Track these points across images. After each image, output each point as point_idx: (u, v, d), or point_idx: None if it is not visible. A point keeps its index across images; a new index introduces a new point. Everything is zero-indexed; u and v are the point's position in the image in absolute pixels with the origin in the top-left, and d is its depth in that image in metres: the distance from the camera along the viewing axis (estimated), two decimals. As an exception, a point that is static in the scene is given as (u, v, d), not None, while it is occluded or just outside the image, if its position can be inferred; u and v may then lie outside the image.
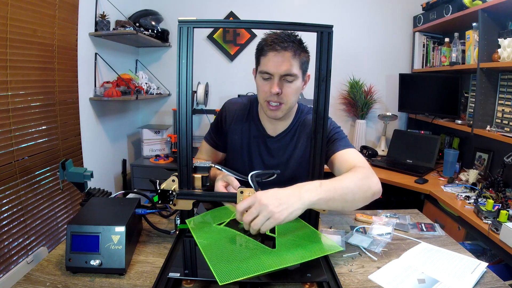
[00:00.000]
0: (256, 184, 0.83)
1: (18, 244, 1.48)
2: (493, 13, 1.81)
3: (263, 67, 1.02)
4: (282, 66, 1.00)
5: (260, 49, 1.04)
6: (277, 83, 1.01)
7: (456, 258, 0.87)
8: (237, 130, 1.19)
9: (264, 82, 1.04)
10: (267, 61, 1.01)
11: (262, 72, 1.03)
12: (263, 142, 1.17)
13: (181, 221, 0.92)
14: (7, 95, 1.41)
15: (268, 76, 1.03)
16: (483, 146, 2.11)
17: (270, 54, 1.00)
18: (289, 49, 0.99)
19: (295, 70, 1.01)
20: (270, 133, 1.17)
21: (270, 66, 1.01)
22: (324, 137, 0.87)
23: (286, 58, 1.00)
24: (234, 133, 1.19)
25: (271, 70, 1.01)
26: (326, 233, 0.99)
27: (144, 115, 2.92)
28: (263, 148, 1.18)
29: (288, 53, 0.99)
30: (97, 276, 0.76)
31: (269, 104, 1.05)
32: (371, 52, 2.75)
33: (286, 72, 1.00)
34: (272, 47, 1.00)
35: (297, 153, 1.17)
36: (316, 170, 0.87)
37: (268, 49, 1.00)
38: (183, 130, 0.84)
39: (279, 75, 1.01)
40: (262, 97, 1.07)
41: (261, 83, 1.05)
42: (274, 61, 1.00)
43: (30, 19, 1.51)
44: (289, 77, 1.01)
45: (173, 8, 2.68)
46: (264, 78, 1.04)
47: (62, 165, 1.00)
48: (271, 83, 1.02)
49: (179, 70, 0.82)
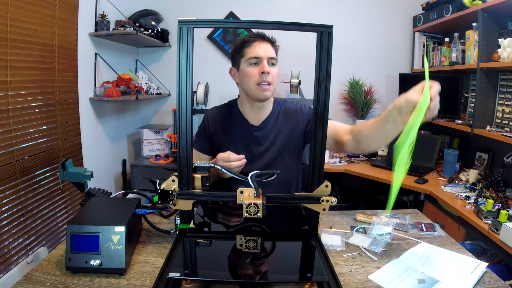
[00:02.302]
0: (256, 184, 0.83)
1: (18, 244, 1.48)
2: (493, 13, 1.81)
3: (252, 54, 1.17)
4: (268, 51, 1.18)
5: (244, 42, 1.20)
6: (267, 65, 1.17)
7: (456, 258, 0.87)
8: (223, 128, 1.31)
9: (253, 67, 1.18)
10: (254, 49, 1.17)
11: (251, 58, 1.18)
12: (249, 132, 1.28)
13: (181, 221, 0.92)
14: (7, 95, 1.41)
15: (256, 61, 1.18)
16: (483, 146, 2.11)
17: (256, 43, 1.18)
18: (268, 41, 1.21)
19: (275, 56, 1.21)
20: (253, 123, 1.29)
21: (259, 51, 1.17)
22: (324, 137, 0.87)
23: (269, 46, 1.20)
24: (220, 132, 1.31)
25: (260, 54, 1.17)
26: (326, 233, 0.99)
27: (144, 115, 2.92)
28: (249, 138, 1.28)
29: (268, 43, 1.20)
30: (97, 276, 0.76)
31: (260, 85, 1.18)
32: (371, 52, 2.75)
33: (271, 55, 1.18)
34: (255, 39, 1.18)
35: (282, 136, 1.28)
36: (316, 170, 0.87)
37: (253, 40, 1.18)
38: (183, 130, 0.84)
39: (266, 57, 1.17)
40: (253, 81, 1.19)
41: (250, 69, 1.19)
42: (260, 47, 1.17)
43: (30, 19, 1.51)
44: (273, 60, 1.19)
45: (173, 8, 2.68)
46: (252, 63, 1.18)
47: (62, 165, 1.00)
48: (260, 66, 1.17)
49: (179, 70, 0.82)
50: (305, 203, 0.88)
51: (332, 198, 0.86)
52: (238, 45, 1.23)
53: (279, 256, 0.83)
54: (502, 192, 1.62)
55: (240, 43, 1.22)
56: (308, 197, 0.88)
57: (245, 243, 0.85)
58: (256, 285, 0.72)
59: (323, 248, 0.84)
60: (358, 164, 2.40)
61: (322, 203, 0.87)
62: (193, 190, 0.87)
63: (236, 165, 1.05)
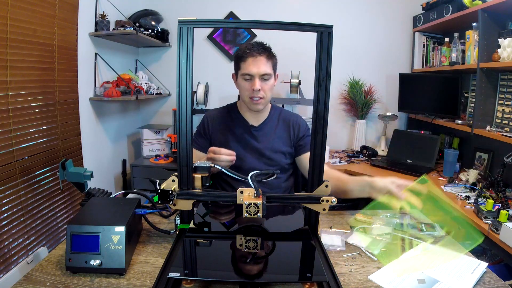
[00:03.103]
0: (256, 184, 0.83)
1: (18, 244, 1.48)
2: (493, 13, 1.81)
3: (245, 70, 1.24)
4: (260, 68, 1.23)
5: (240, 56, 1.26)
6: (257, 82, 1.24)
7: (456, 258, 0.87)
8: (223, 127, 1.38)
9: (246, 82, 1.26)
10: (247, 65, 1.24)
11: (244, 74, 1.25)
12: (249, 131, 1.36)
13: (181, 221, 0.92)
14: (7, 95, 1.41)
15: (249, 77, 1.25)
16: (483, 146, 2.11)
17: (249, 59, 1.23)
18: (263, 54, 1.24)
19: (269, 70, 1.26)
20: (253, 123, 1.38)
21: (251, 68, 1.23)
22: (324, 137, 0.87)
23: (262, 61, 1.24)
24: (220, 131, 1.37)
25: (252, 72, 1.23)
26: (326, 233, 0.99)
27: (144, 115, 2.92)
28: (248, 135, 1.36)
29: (263, 57, 1.24)
30: (97, 276, 0.76)
31: (252, 100, 1.27)
32: (371, 52, 2.74)
33: (264, 72, 1.24)
34: (250, 53, 1.23)
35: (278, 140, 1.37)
36: (316, 170, 0.87)
37: (247, 55, 1.23)
38: (183, 130, 0.84)
39: (258, 75, 1.23)
40: (246, 95, 1.28)
41: (243, 84, 1.27)
42: (253, 64, 1.23)
43: (30, 19, 1.51)
44: (266, 75, 1.25)
45: (173, 8, 2.68)
46: (245, 79, 1.26)
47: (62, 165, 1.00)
48: (252, 83, 1.25)
49: (179, 70, 0.82)
50: (305, 203, 0.88)
51: (332, 198, 0.86)
52: (236, 55, 1.29)
53: (279, 256, 0.83)
54: (502, 192, 1.62)
55: (237, 56, 1.28)
56: (308, 197, 0.88)
57: (245, 243, 0.85)
58: (256, 285, 0.72)
59: (323, 248, 0.84)
60: (358, 164, 2.40)
61: (322, 203, 0.87)
62: (193, 190, 0.87)
63: (225, 159, 1.10)
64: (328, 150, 2.53)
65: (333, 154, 2.62)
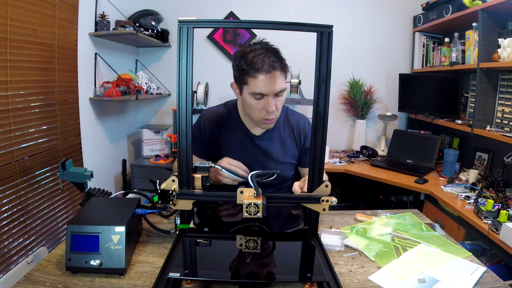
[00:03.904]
0: (256, 184, 0.83)
1: (18, 244, 1.48)
2: (493, 13, 1.81)
3: (255, 89, 1.03)
4: (275, 85, 1.03)
5: (246, 70, 1.03)
6: (272, 102, 1.05)
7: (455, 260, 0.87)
8: (222, 134, 1.22)
9: (257, 101, 1.06)
10: (258, 83, 1.02)
11: (254, 94, 1.04)
12: (251, 142, 1.22)
13: (181, 221, 0.92)
14: (7, 95, 1.41)
15: (261, 96, 1.05)
16: (483, 146, 2.11)
17: (260, 76, 1.01)
18: (277, 67, 1.02)
19: (284, 85, 1.07)
20: (255, 133, 1.23)
21: (263, 87, 1.02)
22: (324, 137, 0.87)
23: (277, 77, 1.03)
24: (218, 139, 1.22)
25: (265, 91, 1.03)
26: (326, 233, 0.99)
27: (144, 115, 2.92)
28: (251, 147, 1.22)
29: (277, 72, 1.02)
30: (97, 276, 0.76)
31: (264, 120, 1.10)
32: (371, 52, 2.75)
33: (279, 90, 1.05)
34: (261, 68, 1.00)
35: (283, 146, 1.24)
36: (316, 171, 0.87)
37: (257, 71, 1.01)
38: (183, 130, 0.84)
39: (273, 94, 1.04)
40: (256, 115, 1.10)
41: (253, 103, 1.07)
42: (265, 82, 1.01)
43: (30, 19, 1.51)
44: (281, 92, 1.06)
45: (173, 8, 2.68)
46: (256, 98, 1.06)
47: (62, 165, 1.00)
48: (265, 102, 1.05)
49: (179, 70, 0.82)
50: (305, 203, 0.88)
51: (332, 198, 0.86)
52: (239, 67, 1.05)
53: (279, 256, 0.83)
54: (502, 192, 1.62)
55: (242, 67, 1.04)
56: (308, 197, 0.88)
57: (245, 243, 0.85)
58: (256, 285, 0.72)
59: (323, 248, 0.84)
60: (358, 164, 2.41)
61: (322, 203, 0.87)
62: (193, 190, 0.87)
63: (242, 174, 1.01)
64: (328, 150, 2.53)
65: (333, 154, 2.62)
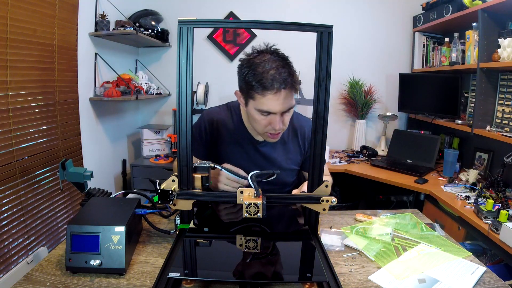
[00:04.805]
0: (256, 184, 0.83)
1: (18, 244, 1.48)
2: (493, 13, 1.81)
3: (263, 107, 0.97)
4: (284, 104, 0.98)
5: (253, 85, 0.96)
6: (279, 121, 1.00)
7: (455, 260, 0.87)
8: (225, 140, 1.18)
9: (263, 117, 1.01)
10: (266, 101, 0.96)
11: (261, 111, 0.99)
12: (254, 148, 1.19)
13: (181, 221, 0.92)
14: (7, 95, 1.41)
15: (268, 114, 1.00)
16: (483, 146, 2.11)
17: (269, 94, 0.95)
18: (288, 84, 0.95)
19: (293, 101, 1.01)
20: (258, 139, 1.19)
21: (271, 106, 0.97)
22: (324, 137, 0.87)
23: (287, 95, 0.97)
24: (221, 143, 1.19)
25: (273, 110, 0.98)
26: (326, 233, 0.99)
27: (144, 115, 2.92)
28: (253, 153, 1.19)
29: (287, 90, 0.96)
30: (97, 276, 0.76)
31: (269, 134, 1.06)
32: (371, 52, 2.75)
33: (288, 108, 1.00)
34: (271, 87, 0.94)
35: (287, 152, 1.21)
36: (316, 171, 0.87)
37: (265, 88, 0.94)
38: (183, 130, 0.84)
39: (280, 112, 0.99)
40: (261, 130, 1.05)
41: (259, 118, 1.01)
42: (274, 101, 0.96)
43: (30, 19, 1.51)
44: (289, 109, 1.02)
45: (173, 8, 2.68)
46: (262, 114, 1.00)
47: (62, 165, 1.00)
48: (271, 119, 1.01)
49: (179, 70, 0.82)
50: (305, 203, 0.88)
51: (332, 198, 0.86)
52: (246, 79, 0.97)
53: (279, 256, 0.83)
54: (502, 192, 1.62)
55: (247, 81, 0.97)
56: (308, 197, 0.88)
57: (245, 243, 0.85)
58: (256, 285, 0.72)
59: (323, 248, 0.84)
60: (358, 164, 2.40)
61: (322, 203, 0.87)
62: (193, 190, 0.87)
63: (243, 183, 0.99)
64: (328, 150, 2.53)
65: (333, 154, 2.62)
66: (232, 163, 1.08)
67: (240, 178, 0.98)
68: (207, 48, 2.77)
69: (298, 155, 1.24)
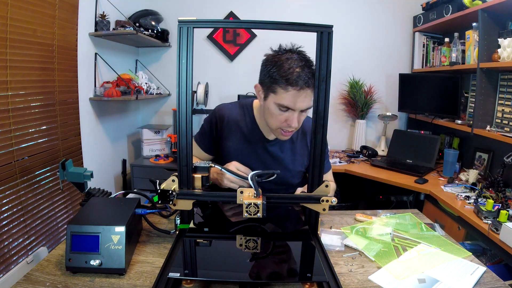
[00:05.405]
0: (256, 184, 0.83)
1: (18, 244, 1.48)
2: (493, 13, 1.81)
3: (283, 101, 1.00)
4: (304, 102, 1.01)
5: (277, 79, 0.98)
6: (296, 118, 1.02)
7: (455, 260, 0.87)
8: (234, 136, 1.19)
9: (280, 112, 1.03)
10: (287, 96, 0.99)
11: (280, 105, 1.01)
12: (263, 146, 1.20)
13: (181, 221, 0.92)
14: (7, 95, 1.41)
15: (286, 109, 1.02)
16: (483, 146, 2.11)
17: (292, 90, 0.98)
18: (310, 84, 0.98)
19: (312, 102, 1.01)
20: (268, 137, 1.20)
21: (291, 102, 1.00)
22: (324, 137, 0.87)
23: (308, 94, 1.00)
24: (230, 140, 1.19)
25: (293, 106, 1.00)
26: (326, 233, 0.99)
27: (144, 115, 2.92)
28: (262, 152, 1.20)
29: (309, 89, 0.99)
30: (97, 276, 0.76)
31: (282, 131, 1.07)
32: (371, 52, 2.75)
33: (307, 107, 1.02)
34: (295, 83, 0.97)
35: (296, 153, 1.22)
36: (316, 171, 0.87)
37: (289, 84, 0.97)
38: (183, 130, 0.84)
39: (299, 110, 1.02)
40: (276, 125, 1.06)
41: (276, 112, 1.03)
42: (296, 97, 0.99)
43: (30, 19, 1.51)
44: (307, 109, 1.04)
45: (173, 8, 2.68)
46: (281, 109, 1.02)
47: (62, 165, 1.00)
48: (289, 116, 1.02)
49: (179, 70, 0.82)
50: (305, 203, 0.88)
51: (332, 198, 0.86)
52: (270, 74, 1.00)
53: (279, 256, 0.83)
54: (502, 192, 1.62)
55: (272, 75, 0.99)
56: (308, 197, 0.88)
57: (245, 243, 0.85)
58: (256, 285, 0.72)
59: (323, 248, 0.84)
60: (358, 164, 2.41)
61: (322, 203, 0.87)
62: (193, 190, 0.87)
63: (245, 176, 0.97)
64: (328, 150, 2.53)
65: (333, 154, 2.62)
66: (240, 160, 1.09)
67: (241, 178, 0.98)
68: (207, 48, 2.78)
69: (305, 157, 1.24)
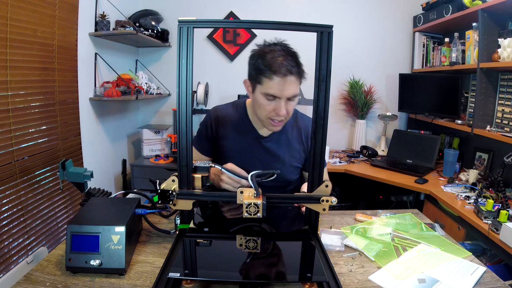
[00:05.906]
0: (256, 184, 0.83)
1: (18, 244, 1.48)
2: (493, 13, 1.81)
3: (269, 90, 1.03)
4: (289, 90, 1.04)
5: (262, 70, 1.03)
6: (283, 105, 1.05)
7: (455, 260, 0.87)
8: (229, 136, 1.22)
9: (268, 102, 1.06)
10: (273, 85, 1.03)
11: (267, 94, 1.05)
12: (258, 143, 1.22)
13: (181, 221, 0.92)
14: (7, 95, 1.41)
15: (273, 98, 1.05)
16: (483, 146, 2.11)
17: (276, 78, 1.02)
18: (293, 72, 1.02)
19: (298, 90, 1.07)
20: (262, 134, 1.22)
21: (277, 90, 1.03)
22: (324, 137, 0.87)
23: (292, 81, 1.03)
24: (226, 139, 1.22)
25: (278, 94, 1.03)
26: (326, 233, 0.99)
27: (144, 115, 2.92)
28: (258, 149, 1.22)
29: (293, 77, 1.03)
30: (97, 276, 0.76)
31: (272, 121, 1.10)
32: (371, 52, 2.75)
33: (292, 95, 1.06)
34: (278, 72, 1.01)
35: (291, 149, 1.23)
36: (316, 171, 0.87)
37: (273, 72, 1.01)
38: (183, 130, 0.84)
39: (285, 97, 1.05)
40: (265, 115, 1.09)
41: (264, 103, 1.07)
42: (280, 85, 1.02)
43: (30, 19, 1.51)
44: (293, 97, 1.07)
45: (173, 8, 2.68)
46: (268, 99, 1.06)
47: (62, 165, 1.00)
48: (276, 105, 1.06)
49: (179, 70, 0.82)
50: (305, 203, 0.88)
51: (332, 198, 0.86)
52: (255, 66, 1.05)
53: (279, 256, 0.83)
54: (502, 192, 1.62)
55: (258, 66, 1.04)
56: (308, 197, 0.88)
57: (245, 243, 0.85)
58: (256, 285, 0.72)
59: (323, 248, 0.84)
60: (358, 164, 2.41)
61: (322, 203, 0.87)
62: (193, 190, 0.87)
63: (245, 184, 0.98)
64: (328, 150, 2.53)
65: (333, 154, 2.62)
66: (237, 158, 1.10)
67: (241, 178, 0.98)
68: (207, 48, 2.78)
69: (301, 153, 1.26)
